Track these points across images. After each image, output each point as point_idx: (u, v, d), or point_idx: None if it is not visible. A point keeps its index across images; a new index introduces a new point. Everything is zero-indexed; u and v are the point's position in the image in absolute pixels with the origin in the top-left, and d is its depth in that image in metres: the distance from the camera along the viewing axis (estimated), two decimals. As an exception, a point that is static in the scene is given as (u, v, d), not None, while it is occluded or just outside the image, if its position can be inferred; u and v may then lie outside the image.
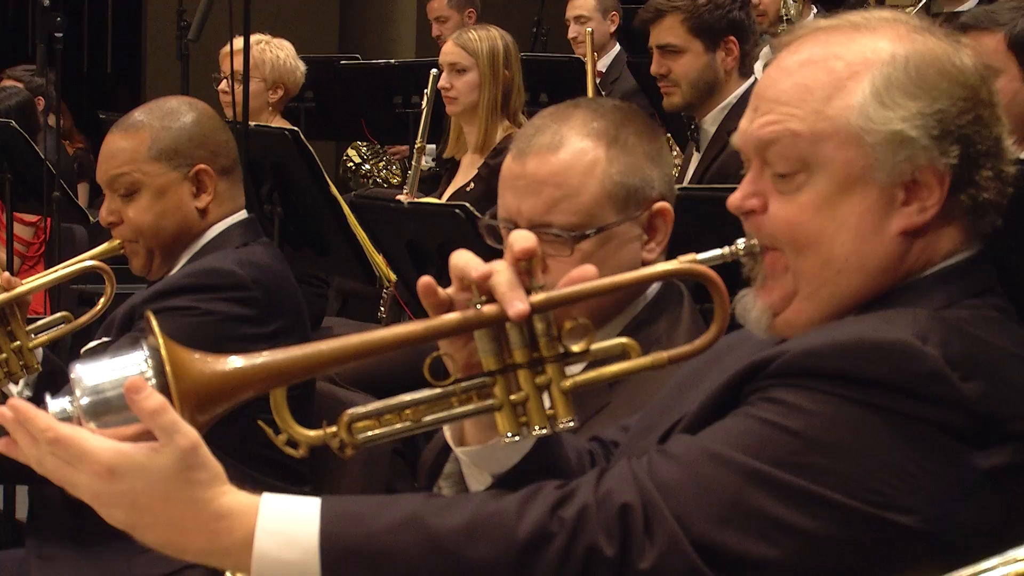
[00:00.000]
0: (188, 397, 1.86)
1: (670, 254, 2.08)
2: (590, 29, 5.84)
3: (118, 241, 3.79)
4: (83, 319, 3.79)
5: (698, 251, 2.05)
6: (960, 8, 6.97)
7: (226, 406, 1.91)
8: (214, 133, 3.83)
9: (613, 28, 8.75)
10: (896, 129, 2.00)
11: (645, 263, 2.74)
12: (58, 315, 3.75)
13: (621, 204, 2.74)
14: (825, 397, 1.89)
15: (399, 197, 6.15)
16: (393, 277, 5.35)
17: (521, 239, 1.97)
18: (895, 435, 1.88)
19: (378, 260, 5.37)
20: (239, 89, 6.45)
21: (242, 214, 3.86)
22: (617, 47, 8.73)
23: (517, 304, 1.92)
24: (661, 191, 2.78)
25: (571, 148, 2.74)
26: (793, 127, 2.04)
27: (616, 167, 2.74)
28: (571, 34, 8.74)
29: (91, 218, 6.99)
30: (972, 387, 1.90)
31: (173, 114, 3.78)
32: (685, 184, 5.46)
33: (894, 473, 1.87)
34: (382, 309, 6.28)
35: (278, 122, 6.61)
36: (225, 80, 6.32)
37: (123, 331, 3.62)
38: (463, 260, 1.98)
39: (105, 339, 3.66)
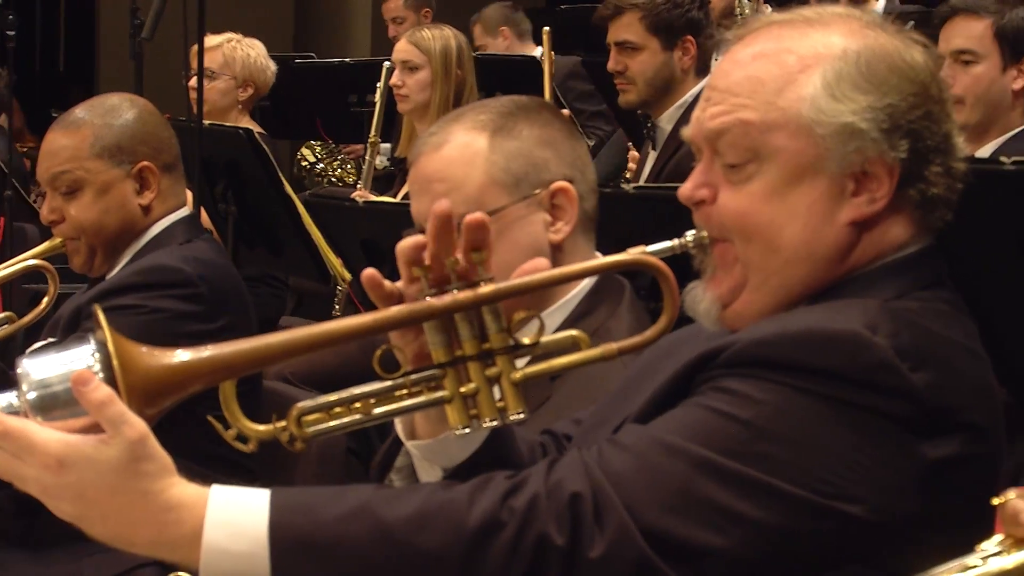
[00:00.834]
0: (136, 390, 1.85)
1: (623, 250, 2.09)
2: (547, 28, 5.84)
3: (60, 239, 3.78)
4: (27, 319, 3.80)
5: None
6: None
7: (174, 399, 1.90)
8: (156, 130, 3.82)
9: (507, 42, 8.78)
10: (846, 121, 2.02)
11: (552, 244, 2.77)
12: (1, 315, 3.75)
13: (511, 188, 2.77)
14: (775, 387, 1.90)
15: (354, 195, 6.15)
16: (348, 276, 5.34)
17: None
18: (844, 425, 1.89)
19: (333, 259, 5.36)
20: (212, 85, 6.46)
21: (184, 211, 3.86)
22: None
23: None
24: (561, 172, 2.80)
25: (455, 143, 2.79)
26: (744, 117, 2.05)
27: (499, 154, 2.77)
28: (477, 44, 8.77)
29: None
30: (921, 378, 1.91)
31: (115, 111, 3.76)
32: (641, 183, 5.47)
33: (843, 463, 1.88)
34: (337, 308, 6.27)
35: (246, 121, 6.61)
36: (195, 77, 6.30)
37: (69, 331, 3.60)
38: (406, 241, 1.98)
39: (51, 339, 3.63)
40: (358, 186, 6.50)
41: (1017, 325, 3.41)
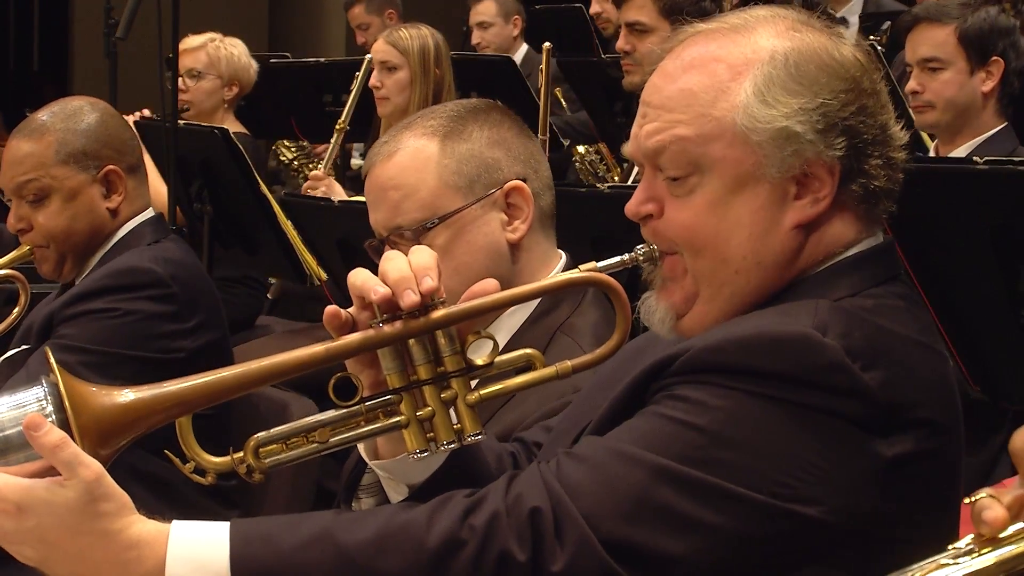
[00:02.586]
0: (89, 431, 1.87)
1: (602, 252, 2.10)
2: (548, 44, 5.79)
3: (27, 248, 3.75)
4: (0, 327, 3.73)
5: (631, 249, 2.09)
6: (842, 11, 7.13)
7: (129, 437, 1.91)
8: (119, 131, 3.81)
9: (517, 31, 8.79)
10: (781, 126, 2.02)
11: (510, 243, 2.78)
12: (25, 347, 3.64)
13: (465, 190, 2.78)
14: (727, 392, 1.91)
15: (312, 175, 6.12)
16: (323, 275, 5.34)
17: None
18: (798, 427, 1.90)
19: (308, 258, 5.36)
20: (198, 85, 6.44)
21: (149, 211, 3.84)
22: (525, 47, 8.77)
23: (409, 294, 1.95)
24: (514, 171, 2.82)
25: (406, 150, 2.80)
26: (679, 132, 2.05)
27: (451, 157, 2.78)
28: (475, 40, 8.79)
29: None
30: (873, 376, 1.92)
31: (77, 115, 3.74)
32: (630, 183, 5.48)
33: (798, 465, 1.89)
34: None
35: (231, 121, 6.60)
36: (181, 79, 6.29)
37: (43, 337, 3.58)
38: (361, 279, 1.99)
39: (24, 346, 3.62)
40: (319, 167, 6.40)
41: (990, 324, 3.42)
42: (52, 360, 1.89)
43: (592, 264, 2.05)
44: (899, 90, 5.17)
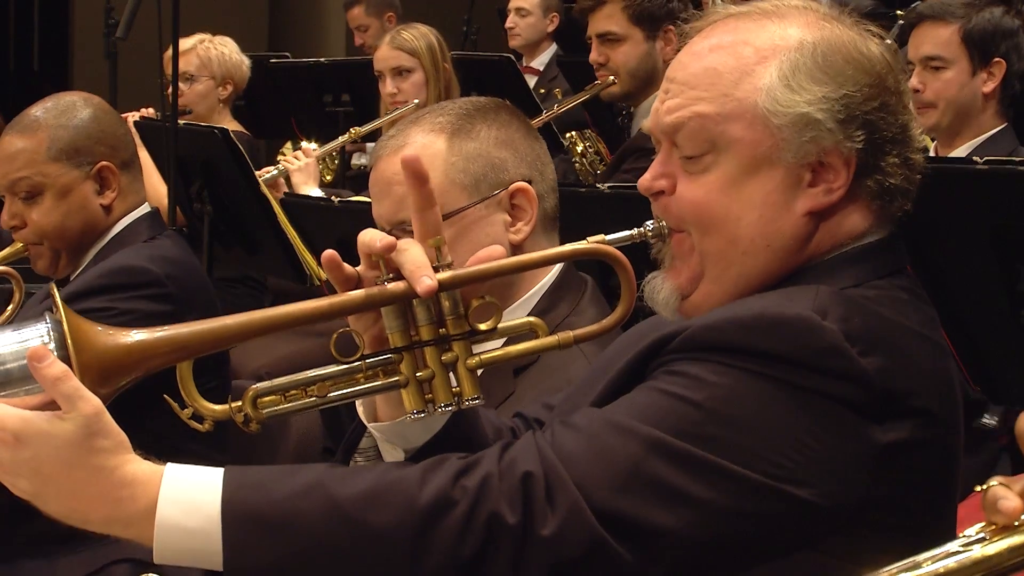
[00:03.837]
0: (90, 368, 1.87)
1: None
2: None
3: (20, 244, 3.74)
4: None
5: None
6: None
7: (129, 378, 1.91)
8: (112, 127, 3.78)
9: (552, 28, 8.79)
10: (802, 112, 2.04)
11: (513, 244, 2.79)
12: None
13: (471, 189, 2.78)
14: (727, 369, 1.92)
15: (305, 146, 6.06)
16: (323, 275, 5.32)
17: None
18: (794, 408, 1.91)
19: (309, 258, 5.36)
20: (192, 88, 6.43)
21: (145, 207, 3.82)
22: (554, 46, 8.78)
23: (425, 280, 1.94)
24: (520, 173, 2.82)
25: (414, 145, 2.80)
26: (701, 109, 2.07)
27: (458, 155, 2.78)
28: (509, 24, 8.78)
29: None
30: (871, 362, 1.93)
31: (70, 111, 3.72)
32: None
33: (792, 446, 1.89)
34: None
35: (228, 121, 6.60)
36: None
37: None
38: (368, 235, 2.00)
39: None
40: (312, 146, 6.31)
41: (990, 324, 3.42)
42: (57, 297, 1.89)
43: (600, 236, 2.05)
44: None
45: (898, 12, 6.63)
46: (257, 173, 5.67)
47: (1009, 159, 3.99)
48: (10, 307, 3.78)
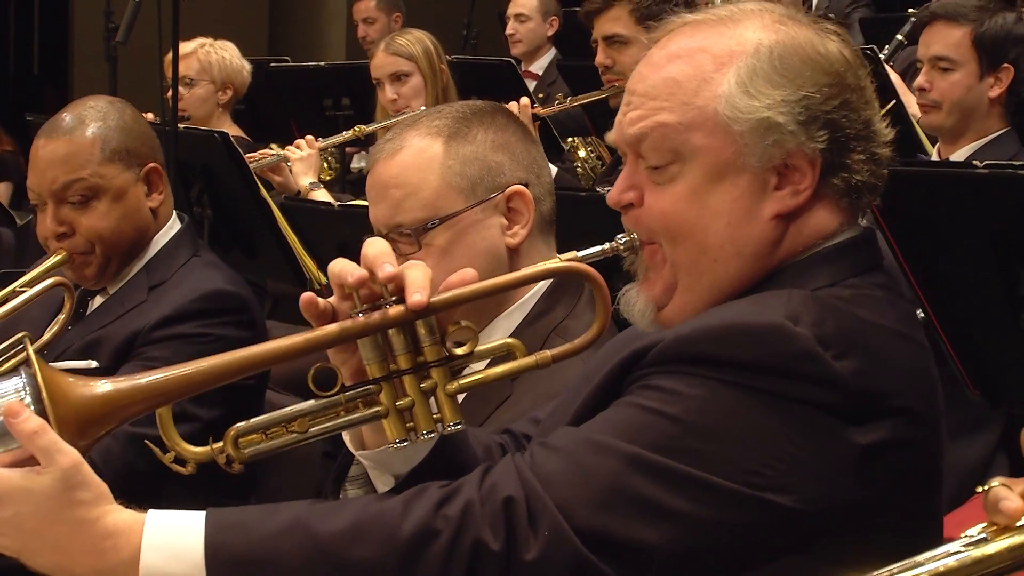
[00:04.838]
0: (67, 422, 1.87)
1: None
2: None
3: (64, 253, 3.56)
4: (45, 338, 3.53)
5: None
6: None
7: (107, 428, 1.92)
8: (149, 129, 3.72)
9: (551, 31, 8.79)
10: (762, 116, 2.04)
11: (509, 248, 2.79)
12: (16, 336, 3.42)
13: (467, 192, 2.78)
14: (701, 381, 1.92)
15: (307, 138, 6.03)
16: (324, 279, 5.33)
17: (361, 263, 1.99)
18: (771, 416, 1.91)
19: (308, 262, 5.35)
20: (192, 92, 6.43)
21: (176, 220, 3.74)
22: (553, 51, 8.78)
23: (416, 296, 1.95)
24: (516, 176, 2.82)
25: (410, 149, 2.80)
26: (662, 119, 2.07)
27: (455, 158, 2.78)
28: (509, 31, 8.78)
29: (17, 220, 6.92)
30: (846, 365, 1.93)
31: (111, 113, 3.61)
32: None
33: (771, 454, 1.90)
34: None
35: (228, 125, 6.59)
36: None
37: (120, 356, 3.45)
38: (339, 267, 1.99)
39: (93, 363, 3.47)
40: (314, 140, 6.26)
41: (990, 327, 3.43)
42: (31, 351, 1.89)
43: (572, 254, 2.07)
44: (894, 87, 5.17)
45: (910, 10, 6.64)
46: (256, 154, 5.66)
47: (1009, 163, 3.99)
48: (62, 317, 3.57)
